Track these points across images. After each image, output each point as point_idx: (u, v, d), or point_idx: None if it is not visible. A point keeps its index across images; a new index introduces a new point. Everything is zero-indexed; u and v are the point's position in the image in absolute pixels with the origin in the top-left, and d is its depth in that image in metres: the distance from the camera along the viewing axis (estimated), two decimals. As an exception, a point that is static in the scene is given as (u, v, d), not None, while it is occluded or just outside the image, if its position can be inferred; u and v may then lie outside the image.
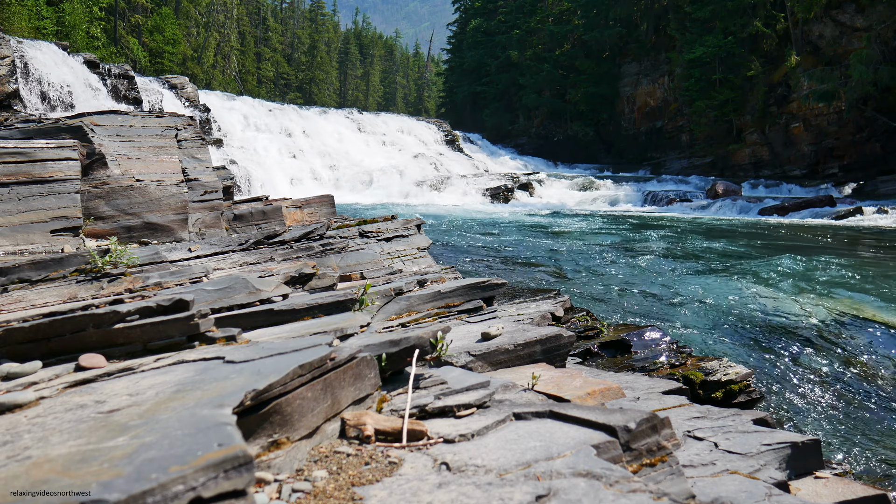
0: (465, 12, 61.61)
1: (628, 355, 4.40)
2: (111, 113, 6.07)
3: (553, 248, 11.68)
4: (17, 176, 4.17)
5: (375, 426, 1.86)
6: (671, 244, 12.63)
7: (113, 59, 36.96)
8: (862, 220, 19.36)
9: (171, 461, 1.17)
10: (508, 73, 51.09)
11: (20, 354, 2.20)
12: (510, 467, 1.62)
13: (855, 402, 4.96)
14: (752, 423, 2.86)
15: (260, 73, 67.37)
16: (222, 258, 4.28)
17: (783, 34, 33.24)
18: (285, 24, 76.11)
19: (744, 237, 14.27)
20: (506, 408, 2.11)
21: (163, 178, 5.66)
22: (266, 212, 6.69)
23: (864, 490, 2.52)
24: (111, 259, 3.25)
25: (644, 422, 1.86)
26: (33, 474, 1.21)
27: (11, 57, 16.97)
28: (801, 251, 11.66)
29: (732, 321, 6.80)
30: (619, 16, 43.54)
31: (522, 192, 27.66)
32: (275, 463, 1.61)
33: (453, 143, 37.25)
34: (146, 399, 1.68)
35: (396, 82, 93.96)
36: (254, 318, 2.95)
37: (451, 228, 15.01)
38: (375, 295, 3.90)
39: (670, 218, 20.41)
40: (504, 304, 4.97)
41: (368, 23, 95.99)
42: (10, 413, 1.70)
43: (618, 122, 44.53)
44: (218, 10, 56.53)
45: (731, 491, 2.11)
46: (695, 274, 9.03)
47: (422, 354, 2.53)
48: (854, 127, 29.47)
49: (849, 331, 6.42)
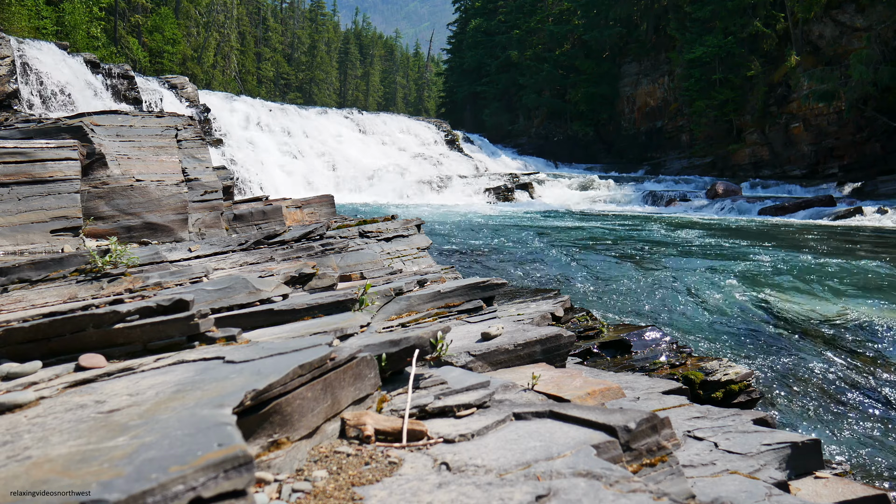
0: (465, 12, 61.60)
1: (628, 355, 4.40)
2: (111, 113, 6.07)
3: (553, 248, 11.68)
4: (17, 176, 4.17)
5: (375, 426, 1.86)
6: (671, 244, 12.63)
7: (113, 59, 36.97)
8: (862, 220, 19.36)
9: (171, 461, 1.17)
10: (508, 73, 51.08)
11: (20, 354, 2.20)
12: (510, 467, 1.62)
13: (855, 402, 4.96)
14: (752, 423, 2.86)
15: (260, 73, 67.37)
16: (222, 258, 4.28)
17: (783, 34, 33.23)
18: (285, 24, 76.11)
19: (744, 237, 14.27)
20: (506, 408, 2.11)
21: (163, 178, 5.66)
22: (266, 212, 6.69)
23: (864, 490, 2.52)
24: (111, 259, 3.25)
25: (644, 422, 1.86)
26: (33, 474, 1.21)
27: (11, 57, 16.97)
28: (801, 251, 11.66)
29: (732, 321, 6.80)
30: (619, 16, 43.53)
31: (522, 192, 27.66)
32: (275, 463, 1.61)
33: (453, 143, 37.23)
34: (146, 399, 1.68)
35: (396, 82, 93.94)
36: (254, 318, 2.95)
37: (451, 228, 15.01)
38: (375, 295, 3.90)
39: (670, 218, 20.42)
40: (504, 304, 4.97)
41: (368, 23, 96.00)
42: (10, 413, 1.70)
43: (618, 122, 44.53)
44: (218, 10, 56.53)
45: (731, 491, 2.11)
46: (695, 274, 9.03)
47: (422, 354, 2.53)
48: (854, 127, 29.46)
49: (849, 330, 6.42)
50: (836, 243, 13.15)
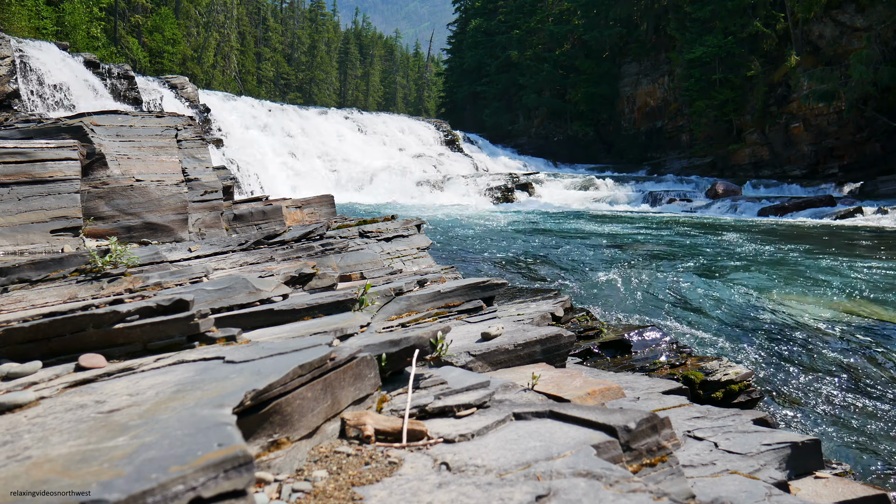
0: (465, 12, 61.59)
1: (628, 355, 4.40)
2: (111, 113, 6.08)
3: (553, 249, 11.68)
4: (17, 176, 4.17)
5: (375, 426, 1.86)
6: (671, 244, 12.63)
7: (113, 59, 36.97)
8: (862, 220, 19.35)
9: (171, 461, 1.17)
10: (508, 73, 51.08)
11: (20, 354, 2.20)
12: (510, 467, 1.62)
13: (855, 402, 4.96)
14: (752, 423, 2.86)
15: (260, 73, 67.37)
16: (222, 258, 4.28)
17: (783, 34, 33.22)
18: (285, 24, 76.11)
19: (744, 237, 14.27)
20: (506, 408, 2.11)
21: (163, 178, 5.66)
22: (266, 212, 6.69)
23: (864, 490, 2.52)
24: (111, 259, 3.25)
25: (644, 422, 1.86)
26: (33, 474, 1.21)
27: (11, 57, 16.96)
28: (800, 251, 11.67)
29: (732, 321, 6.80)
30: (619, 16, 43.52)
31: (522, 192, 27.65)
32: (275, 463, 1.61)
33: (453, 143, 37.23)
34: (146, 399, 1.68)
35: (396, 82, 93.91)
36: (254, 318, 2.95)
37: (451, 228, 15.02)
38: (375, 295, 3.90)
39: (670, 218, 20.41)
40: (504, 304, 4.97)
41: (368, 23, 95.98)
42: (10, 413, 1.70)
43: (618, 122, 44.52)
44: (218, 10, 56.53)
45: (731, 491, 2.11)
46: (695, 274, 9.03)
47: (422, 354, 2.53)
48: (854, 127, 29.46)
49: (849, 330, 6.42)
50: (836, 243, 13.15)
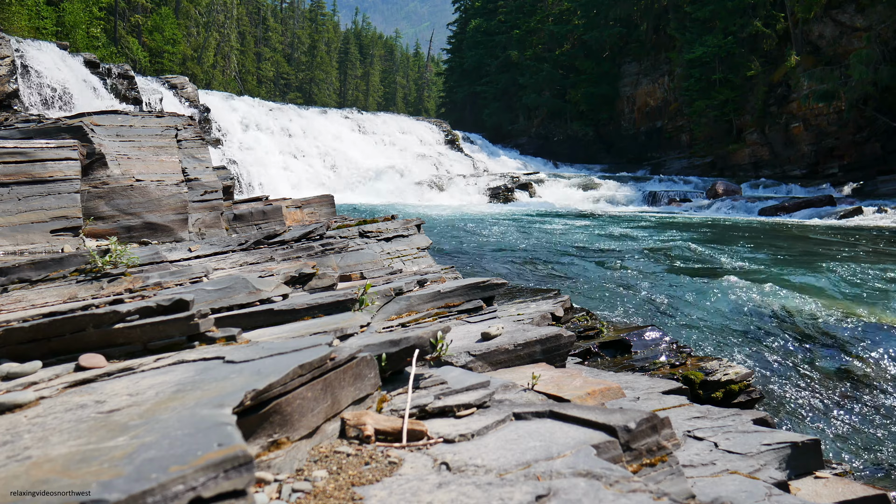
0: (465, 12, 61.58)
1: (628, 355, 4.40)
2: (111, 113, 6.07)
3: (553, 248, 11.68)
4: (17, 176, 4.17)
5: (375, 426, 1.86)
6: (671, 244, 12.63)
7: (113, 59, 36.93)
8: (862, 220, 19.35)
9: (171, 461, 1.17)
10: (508, 73, 51.08)
11: (20, 354, 2.20)
12: (510, 467, 1.62)
13: (855, 402, 4.96)
14: (752, 423, 2.86)
15: (260, 73, 67.35)
16: (222, 258, 4.28)
17: (783, 34, 33.22)
18: (285, 24, 76.10)
19: (744, 237, 14.27)
20: (506, 408, 2.11)
21: (163, 178, 5.65)
22: (266, 212, 6.69)
23: (864, 490, 2.52)
24: (111, 259, 3.25)
25: (644, 422, 1.86)
26: (33, 474, 1.21)
27: (11, 57, 16.96)
28: (800, 251, 11.67)
29: (732, 321, 6.80)
30: (619, 16, 43.53)
31: (522, 192, 27.66)
32: (275, 463, 1.61)
33: (453, 143, 37.24)
34: (146, 399, 1.68)
35: (396, 82, 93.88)
36: (254, 318, 2.95)
37: (451, 228, 15.01)
38: (375, 295, 3.90)
39: (670, 218, 20.41)
40: (504, 304, 4.97)
41: (368, 23, 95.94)
42: (10, 413, 1.70)
43: (618, 122, 44.52)
44: (218, 10, 56.51)
45: (731, 491, 2.11)
46: (695, 274, 9.03)
47: (422, 354, 2.53)
48: (854, 127, 29.46)
49: (849, 331, 6.42)
50: (836, 243, 13.15)
